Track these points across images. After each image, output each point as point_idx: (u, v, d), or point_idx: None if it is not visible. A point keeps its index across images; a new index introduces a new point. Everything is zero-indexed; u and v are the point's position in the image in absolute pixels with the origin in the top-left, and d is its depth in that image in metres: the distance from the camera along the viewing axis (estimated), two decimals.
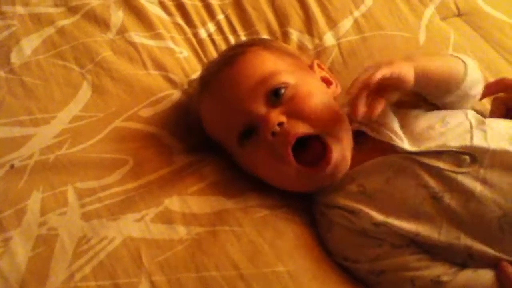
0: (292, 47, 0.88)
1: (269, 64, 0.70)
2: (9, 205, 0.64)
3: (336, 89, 0.75)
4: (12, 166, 0.67)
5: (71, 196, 0.66)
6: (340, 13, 0.92)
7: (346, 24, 0.91)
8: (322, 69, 0.78)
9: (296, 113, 0.65)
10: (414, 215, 0.63)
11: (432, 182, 0.64)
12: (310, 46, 0.88)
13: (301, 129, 0.65)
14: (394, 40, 0.91)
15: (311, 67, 0.77)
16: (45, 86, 0.76)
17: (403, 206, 0.64)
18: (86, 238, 0.63)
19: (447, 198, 0.63)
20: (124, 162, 0.72)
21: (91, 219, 0.65)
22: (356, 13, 0.93)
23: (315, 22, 0.90)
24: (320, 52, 0.87)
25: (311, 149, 0.66)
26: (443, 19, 0.98)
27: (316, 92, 0.70)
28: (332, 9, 0.92)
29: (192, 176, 0.71)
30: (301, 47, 0.88)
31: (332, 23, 0.91)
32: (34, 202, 0.64)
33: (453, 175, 0.63)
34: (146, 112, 0.77)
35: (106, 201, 0.67)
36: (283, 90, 0.66)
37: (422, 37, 0.92)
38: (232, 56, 0.72)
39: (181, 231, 0.65)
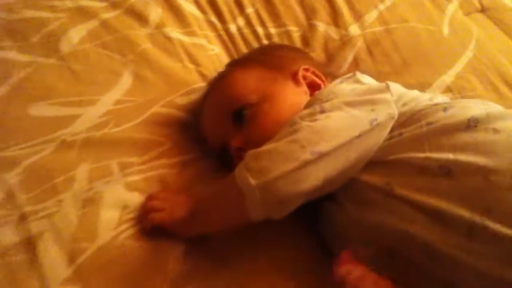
0: (318, 40, 0.93)
1: (238, 88, 0.76)
2: (61, 172, 0.70)
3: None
4: (63, 141, 0.74)
5: (114, 168, 0.73)
6: (365, 6, 0.97)
7: (371, 16, 0.96)
8: (312, 73, 0.79)
9: (252, 139, 0.70)
10: None
11: None
12: (336, 36, 0.93)
13: None
14: (418, 32, 0.95)
15: (294, 76, 0.78)
16: (90, 72, 0.82)
17: None
18: (128, 208, 0.70)
19: None
20: (161, 143, 0.78)
21: (132, 191, 0.71)
22: (381, 7, 0.98)
23: (341, 15, 0.95)
24: (345, 42, 0.92)
25: None
26: (467, 14, 1.02)
27: (275, 108, 0.73)
28: (357, 3, 0.97)
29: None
30: (327, 37, 0.93)
31: (358, 15, 0.96)
32: (82, 171, 0.71)
33: None
34: (181, 100, 0.84)
35: (145, 173, 0.73)
36: (244, 112, 0.72)
37: (445, 30, 0.96)
38: (215, 81, 0.81)
39: None
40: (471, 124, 0.60)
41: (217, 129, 0.76)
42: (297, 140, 0.59)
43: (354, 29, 0.94)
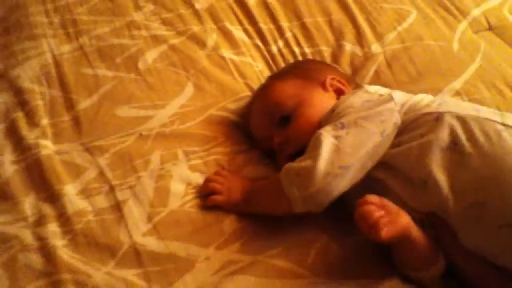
0: (345, 57, 1.11)
1: (278, 96, 0.92)
2: (139, 157, 0.91)
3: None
4: (140, 135, 0.95)
5: (180, 154, 0.92)
6: (385, 28, 1.15)
7: (390, 36, 1.14)
8: (338, 81, 0.96)
9: (291, 136, 0.88)
10: None
11: None
12: (360, 53, 1.11)
13: (290, 149, 0.88)
14: (431, 48, 1.11)
15: (323, 84, 0.94)
16: (161, 84, 1.04)
17: None
18: (191, 184, 0.88)
19: None
20: (216, 138, 0.96)
21: (194, 171, 0.90)
22: (399, 28, 1.16)
23: (364, 36, 1.14)
24: (368, 57, 1.10)
25: None
26: (476, 32, 1.17)
27: (308, 111, 0.89)
28: (378, 26, 1.16)
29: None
30: (353, 55, 1.11)
31: (379, 36, 1.14)
32: (155, 156, 0.91)
33: None
34: (232, 106, 1.03)
35: (204, 159, 0.92)
36: (284, 116, 0.90)
37: (455, 46, 1.12)
38: (259, 91, 0.98)
39: None
40: (451, 146, 0.76)
41: (263, 129, 0.93)
42: (326, 158, 0.76)
43: (375, 47, 1.12)
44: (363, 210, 0.70)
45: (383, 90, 0.91)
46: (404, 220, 0.72)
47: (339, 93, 0.95)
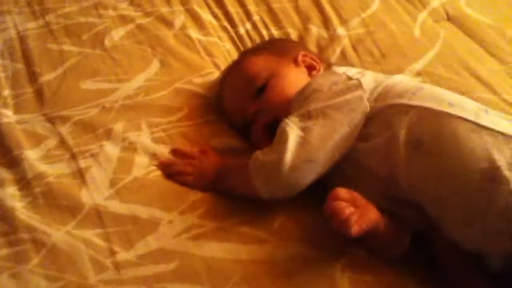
0: (312, 38, 1.13)
1: (253, 69, 0.92)
2: (101, 126, 0.90)
3: (318, 72, 0.96)
4: (104, 107, 0.94)
5: (144, 125, 0.91)
6: (350, 14, 1.19)
7: (355, 22, 1.17)
8: (310, 58, 0.97)
9: (264, 105, 0.88)
10: None
11: None
12: (326, 36, 1.13)
13: (263, 119, 0.88)
14: (393, 33, 1.15)
15: (295, 60, 0.95)
16: (127, 60, 1.04)
17: None
18: (155, 156, 0.87)
19: None
20: (182, 109, 0.96)
21: (158, 143, 0.89)
22: (363, 15, 1.19)
23: (330, 20, 1.17)
24: (334, 39, 1.12)
25: None
26: (436, 21, 1.21)
27: (280, 83, 0.90)
28: (343, 12, 1.19)
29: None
30: (319, 37, 1.13)
31: (343, 21, 1.17)
32: (118, 126, 0.90)
33: None
34: (198, 80, 1.03)
35: (168, 131, 0.91)
36: (259, 87, 0.89)
37: (416, 32, 1.16)
38: (232, 67, 0.98)
39: None
40: (416, 145, 0.75)
41: (237, 102, 0.92)
42: (293, 152, 0.75)
43: (341, 31, 1.14)
44: (334, 206, 0.70)
45: (352, 71, 0.88)
46: (373, 214, 0.73)
47: (310, 68, 0.96)
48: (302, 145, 0.75)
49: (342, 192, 0.71)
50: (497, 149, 0.71)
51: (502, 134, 0.73)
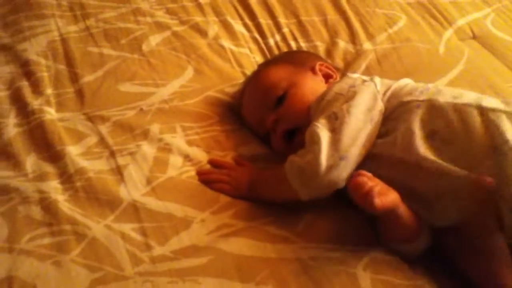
0: (339, 52, 1.17)
1: (271, 79, 0.96)
2: (139, 127, 0.94)
3: (335, 79, 1.00)
4: (141, 109, 0.99)
5: (178, 128, 0.96)
6: (377, 30, 1.23)
7: (381, 37, 1.21)
8: (326, 67, 1.01)
9: (283, 115, 0.93)
10: None
11: None
12: (352, 50, 1.17)
13: (283, 126, 0.92)
14: (419, 50, 1.18)
15: (313, 69, 1.00)
16: (163, 66, 1.09)
17: None
18: (189, 157, 0.92)
19: None
20: (212, 116, 1.01)
21: (192, 146, 0.94)
22: (390, 30, 1.23)
23: (357, 35, 1.21)
24: (360, 54, 1.16)
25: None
26: (461, 40, 1.24)
27: (300, 91, 0.94)
28: (370, 27, 1.23)
29: None
30: (346, 51, 1.18)
31: (370, 36, 1.21)
32: (154, 128, 0.95)
33: None
34: (229, 89, 1.07)
35: (201, 135, 0.96)
36: (279, 97, 0.94)
37: (441, 49, 1.20)
38: (253, 76, 1.02)
39: None
40: (430, 135, 0.81)
41: (257, 112, 0.97)
42: (327, 152, 0.80)
43: (367, 46, 1.18)
44: (357, 180, 0.74)
45: (363, 77, 0.95)
46: (394, 195, 0.77)
47: (327, 77, 1.00)
48: (334, 144, 0.80)
49: (364, 172, 0.76)
50: (504, 125, 0.78)
51: (505, 112, 0.79)
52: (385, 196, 0.74)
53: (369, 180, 0.74)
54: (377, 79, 0.92)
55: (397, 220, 0.77)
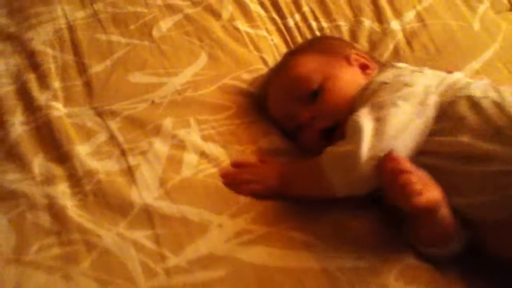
0: (363, 32, 1.09)
1: (303, 72, 0.89)
2: (150, 122, 0.89)
3: (373, 70, 0.92)
4: (153, 102, 0.93)
5: (192, 122, 0.90)
6: (404, 7, 1.13)
7: (410, 15, 1.12)
8: (361, 57, 0.94)
9: (321, 111, 0.85)
10: None
11: None
12: (378, 30, 1.09)
13: (322, 124, 0.85)
14: (451, 27, 1.10)
15: (347, 59, 0.92)
16: (175, 52, 1.02)
17: None
18: (204, 154, 0.86)
19: None
20: (230, 107, 0.95)
21: (207, 141, 0.88)
22: (419, 7, 1.13)
23: (383, 13, 1.12)
24: (387, 33, 1.08)
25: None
26: (497, 13, 1.15)
27: (337, 85, 0.87)
28: (397, 4, 1.14)
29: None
30: (371, 31, 1.09)
31: (398, 14, 1.12)
32: (167, 122, 0.89)
33: None
34: (246, 76, 1.01)
35: (217, 129, 0.90)
36: (313, 91, 0.86)
37: (476, 26, 1.11)
38: (281, 66, 0.95)
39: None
40: (495, 134, 0.73)
41: (286, 107, 0.90)
42: (369, 142, 0.72)
43: (394, 24, 1.10)
44: (395, 169, 0.67)
45: (411, 67, 0.88)
46: (437, 192, 0.70)
47: (363, 68, 0.92)
48: (377, 135, 0.72)
49: (403, 159, 0.69)
50: None
51: None
52: (427, 194, 0.67)
53: (410, 170, 0.67)
54: (427, 71, 0.84)
55: (435, 220, 0.70)
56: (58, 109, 0.90)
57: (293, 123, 0.89)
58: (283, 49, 1.08)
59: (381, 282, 0.70)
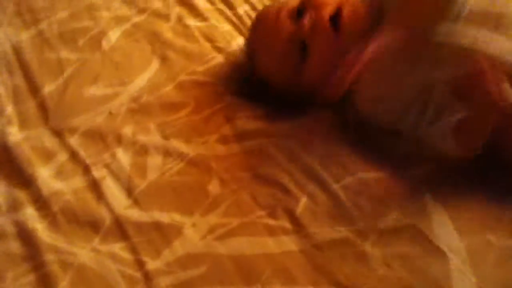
0: None
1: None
2: (110, 133, 0.88)
3: None
4: (110, 113, 0.91)
5: (152, 126, 0.89)
6: None
7: None
8: None
9: (314, 8, 0.83)
10: None
11: None
12: None
13: (324, 13, 0.82)
14: None
15: None
16: (127, 61, 1.01)
17: None
18: (168, 153, 0.85)
19: None
20: (188, 103, 0.93)
21: (169, 139, 0.87)
22: None
23: None
24: None
25: None
26: None
27: None
28: None
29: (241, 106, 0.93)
30: None
31: None
32: (127, 130, 0.88)
33: None
34: (201, 68, 1.00)
35: (177, 127, 0.89)
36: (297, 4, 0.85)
37: None
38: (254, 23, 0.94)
39: (235, 147, 0.87)
40: None
41: (284, 32, 0.86)
42: None
43: None
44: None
45: None
46: None
47: None
48: None
49: None
50: None
51: None
52: None
53: None
54: None
55: None
56: (14, 134, 0.88)
57: (297, 45, 0.85)
58: (236, 34, 1.08)
59: (358, 250, 0.71)
